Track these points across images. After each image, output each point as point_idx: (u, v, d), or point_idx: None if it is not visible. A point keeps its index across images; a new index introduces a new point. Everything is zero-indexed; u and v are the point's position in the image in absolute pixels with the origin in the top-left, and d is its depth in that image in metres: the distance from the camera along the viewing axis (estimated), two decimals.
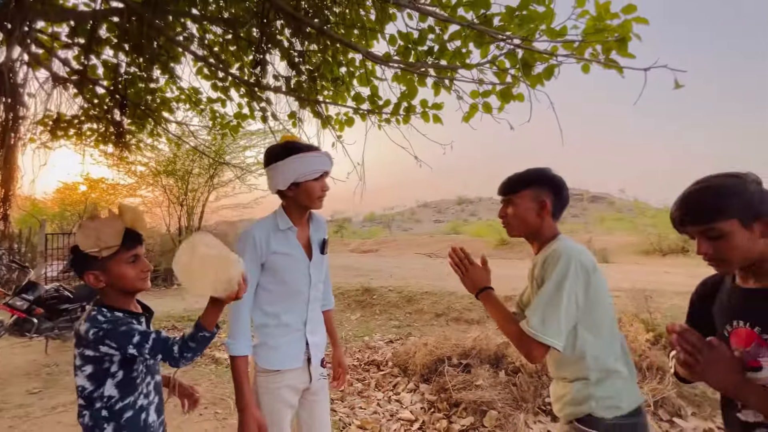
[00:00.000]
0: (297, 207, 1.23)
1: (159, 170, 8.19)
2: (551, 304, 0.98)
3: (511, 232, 1.16)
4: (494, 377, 2.50)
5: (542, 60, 2.17)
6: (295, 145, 1.20)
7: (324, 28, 2.20)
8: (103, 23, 2.76)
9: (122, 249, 0.98)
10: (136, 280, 1.01)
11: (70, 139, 3.39)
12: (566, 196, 1.13)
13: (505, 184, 1.16)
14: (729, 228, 0.77)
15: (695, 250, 0.84)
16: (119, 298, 1.02)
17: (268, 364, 1.20)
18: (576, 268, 1.00)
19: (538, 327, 0.98)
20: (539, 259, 1.09)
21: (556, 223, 1.13)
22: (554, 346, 0.97)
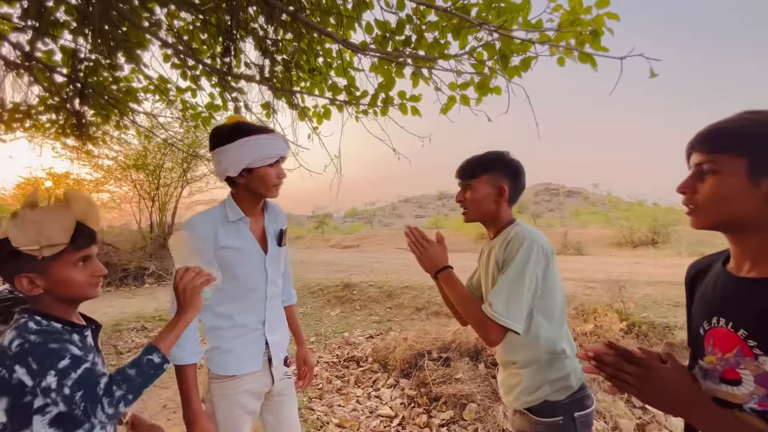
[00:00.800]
0: (249, 195, 1.11)
1: (128, 164, 7.84)
2: (514, 288, 0.98)
3: (468, 217, 1.15)
4: (474, 370, 2.51)
5: (519, 51, 2.17)
6: (245, 126, 1.08)
7: (297, 14, 2.11)
8: (61, 5, 2.57)
9: (70, 248, 0.79)
10: (84, 287, 0.82)
11: (27, 130, 3.17)
12: (523, 182, 1.13)
13: (463, 168, 1.14)
14: (728, 166, 0.59)
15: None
16: (57, 306, 0.81)
17: (222, 370, 1.09)
18: (538, 251, 1.00)
19: (501, 311, 0.97)
20: (497, 242, 1.09)
21: (512, 208, 1.14)
22: (516, 329, 0.97)
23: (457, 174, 1.15)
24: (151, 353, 0.79)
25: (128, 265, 7.20)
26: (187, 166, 8.15)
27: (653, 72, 1.28)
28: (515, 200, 1.13)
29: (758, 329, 0.58)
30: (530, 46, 2.14)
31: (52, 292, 0.80)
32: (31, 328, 0.75)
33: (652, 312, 3.07)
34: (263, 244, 1.15)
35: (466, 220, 1.16)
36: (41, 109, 3.04)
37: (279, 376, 1.17)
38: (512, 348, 1.07)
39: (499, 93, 2.36)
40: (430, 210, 52.56)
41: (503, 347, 1.10)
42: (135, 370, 0.76)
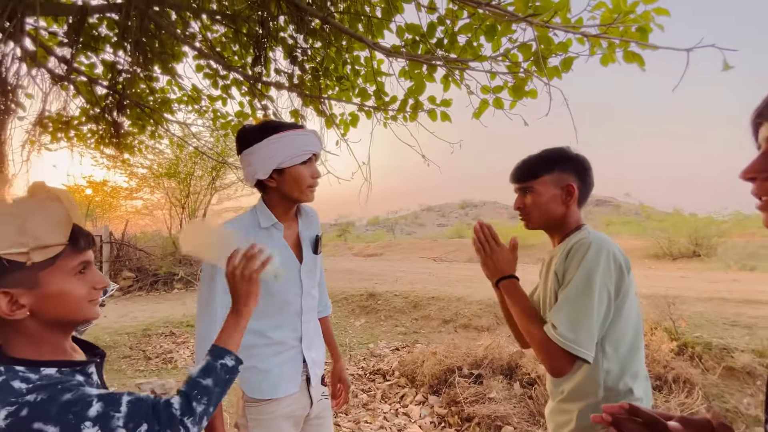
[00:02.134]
0: (282, 200, 1.01)
1: (161, 172, 8.14)
2: (580, 305, 0.83)
3: (530, 224, 1.00)
4: (508, 389, 2.36)
5: (558, 51, 2.06)
6: (273, 123, 1.00)
7: (328, 18, 2.09)
8: (103, 21, 2.69)
9: (69, 250, 0.58)
10: (84, 304, 0.61)
11: (70, 140, 3.32)
12: (592, 179, 0.98)
13: (520, 169, 0.99)
14: None
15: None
16: (45, 338, 0.58)
17: (258, 393, 0.99)
18: (608, 259, 0.84)
19: (567, 334, 0.82)
20: (559, 250, 0.94)
21: (581, 210, 0.99)
22: (585, 357, 0.82)
23: (512, 178, 1.01)
24: (223, 357, 0.67)
25: (158, 271, 7.42)
26: (216, 174, 8.39)
27: (727, 64, 1.14)
28: (585, 201, 0.98)
29: None
30: (570, 44, 2.03)
31: (39, 315, 0.57)
32: (20, 388, 0.52)
33: (706, 331, 2.80)
34: (298, 253, 1.06)
35: (528, 227, 1.01)
36: (83, 119, 3.18)
37: (317, 397, 1.08)
38: (565, 378, 0.91)
39: (535, 96, 2.25)
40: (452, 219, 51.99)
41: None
42: (211, 378, 0.64)
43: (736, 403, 2.19)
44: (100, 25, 2.72)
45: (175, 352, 3.63)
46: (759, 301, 3.75)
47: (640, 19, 1.88)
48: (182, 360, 3.47)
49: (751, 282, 5.40)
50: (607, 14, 1.92)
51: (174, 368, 3.32)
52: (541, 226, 0.99)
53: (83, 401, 0.53)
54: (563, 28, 1.81)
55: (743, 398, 2.21)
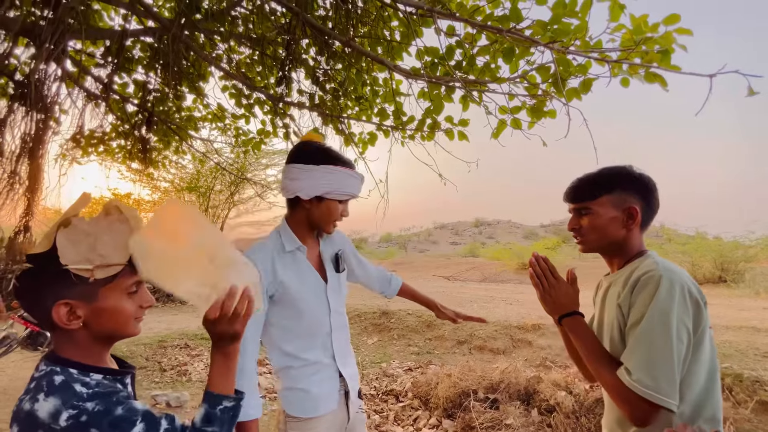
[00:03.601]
0: (306, 224, 1.05)
1: (182, 186, 8.39)
2: (657, 346, 0.74)
3: (586, 247, 0.93)
4: (526, 416, 2.27)
5: (577, 73, 2.07)
6: (335, 153, 1.03)
7: (350, 42, 2.17)
8: (137, 44, 2.85)
9: (127, 270, 0.63)
10: (131, 321, 0.66)
11: (100, 155, 3.48)
12: (657, 201, 0.90)
13: (577, 189, 0.92)
14: None
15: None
16: (92, 347, 0.64)
17: (300, 411, 1.01)
18: (684, 294, 0.77)
19: (646, 380, 0.73)
20: (620, 278, 0.87)
21: (643, 234, 0.92)
22: (670, 407, 0.73)
23: (567, 197, 0.95)
24: (220, 402, 0.64)
25: None
26: (235, 188, 8.59)
27: (752, 90, 1.13)
28: (648, 224, 0.91)
29: None
30: (590, 66, 2.04)
31: (91, 327, 0.62)
32: (81, 392, 0.57)
33: (736, 362, 2.66)
34: (322, 273, 1.09)
35: (583, 250, 0.94)
36: (113, 135, 3.34)
37: (354, 410, 1.11)
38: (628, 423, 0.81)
39: (554, 116, 2.25)
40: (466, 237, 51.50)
41: (616, 419, 0.87)
42: (214, 425, 0.63)
43: None
44: (134, 48, 2.88)
45: (189, 365, 3.65)
46: None
47: (662, 40, 1.88)
48: (197, 373, 3.48)
49: None
50: (627, 36, 1.93)
51: (188, 381, 3.33)
52: (598, 249, 0.93)
53: (129, 420, 0.57)
54: (582, 53, 1.82)
55: None
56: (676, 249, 11.84)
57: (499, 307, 5.42)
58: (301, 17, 2.02)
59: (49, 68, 2.26)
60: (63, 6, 1.80)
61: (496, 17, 2.09)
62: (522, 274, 12.61)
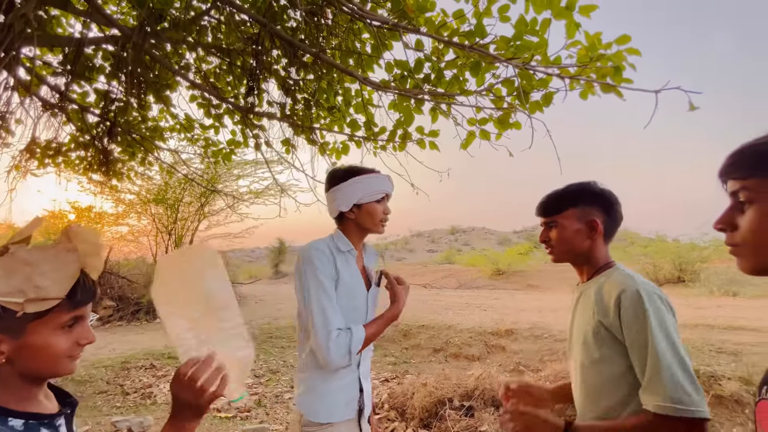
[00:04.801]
0: (357, 230, 1.17)
1: (149, 198, 8.06)
2: (677, 360, 0.77)
3: (556, 257, 1.00)
4: None
5: (539, 86, 2.17)
6: (357, 167, 1.19)
7: (320, 55, 2.18)
8: (98, 52, 2.74)
9: (63, 305, 0.57)
10: (63, 360, 0.59)
11: (57, 166, 3.30)
12: (620, 214, 0.98)
13: (545, 204, 1.01)
14: (767, 192, 0.49)
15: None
16: (16, 387, 0.57)
17: (316, 416, 1.05)
18: (665, 304, 0.83)
19: (680, 396, 0.73)
20: (590, 290, 0.93)
21: (608, 245, 0.99)
22: (704, 416, 0.74)
23: (538, 211, 1.03)
24: None
25: (141, 299, 7.19)
26: (205, 200, 8.34)
27: (692, 105, 1.23)
28: (612, 235, 0.98)
29: None
30: (550, 80, 2.15)
31: (15, 364, 0.56)
32: None
33: (693, 359, 2.81)
34: (366, 281, 1.18)
35: (554, 260, 1.02)
36: (72, 146, 3.17)
37: (366, 430, 1.14)
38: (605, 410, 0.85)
39: (519, 128, 2.35)
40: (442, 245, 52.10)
41: (590, 400, 0.91)
42: None
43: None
44: (96, 56, 2.77)
45: (155, 387, 3.46)
46: (743, 327, 3.80)
47: (614, 57, 2.02)
48: (162, 395, 3.30)
49: (735, 308, 5.49)
50: (582, 52, 2.06)
51: (153, 404, 3.15)
52: (566, 260, 1.01)
53: None
54: (541, 70, 1.92)
55: (733, 427, 2.20)
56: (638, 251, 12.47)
57: (474, 314, 5.50)
58: (268, 28, 2.02)
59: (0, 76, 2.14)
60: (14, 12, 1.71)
61: (462, 32, 2.17)
62: (497, 279, 12.87)
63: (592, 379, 0.90)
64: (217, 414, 2.91)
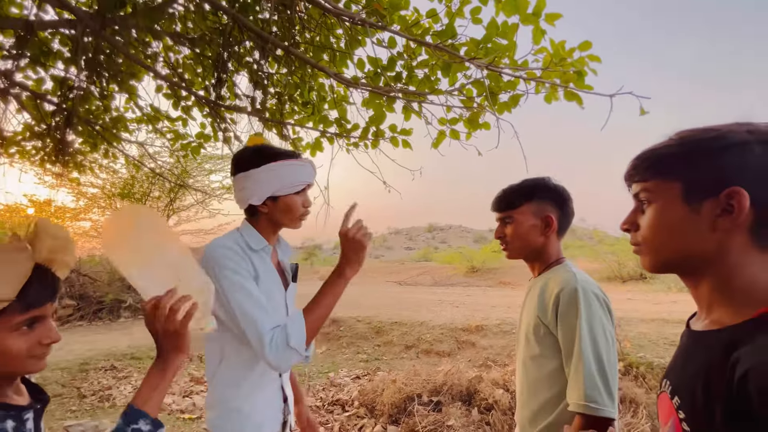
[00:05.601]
0: (270, 226, 1.00)
1: (114, 193, 7.70)
2: (592, 359, 0.80)
3: (511, 254, 1.00)
4: (466, 416, 2.36)
5: (507, 88, 2.23)
6: (270, 149, 0.98)
7: (291, 49, 2.15)
8: (56, 36, 2.59)
9: (14, 307, 0.57)
10: (23, 360, 0.59)
11: (11, 156, 3.10)
12: (572, 210, 0.99)
13: (501, 199, 1.00)
14: (662, 192, 0.51)
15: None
16: None
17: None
18: (600, 302, 0.85)
19: (594, 395, 0.77)
20: (537, 284, 0.94)
21: (560, 241, 1.00)
22: (612, 416, 0.78)
23: (493, 206, 1.02)
24: (136, 420, 0.59)
25: (104, 298, 6.87)
26: (174, 195, 8.05)
27: (643, 110, 1.30)
28: (564, 231, 1.00)
29: (688, 397, 0.45)
30: (518, 83, 2.21)
31: None
32: None
33: (648, 352, 2.98)
34: (282, 278, 1.04)
35: (509, 257, 1.01)
36: (27, 135, 2.98)
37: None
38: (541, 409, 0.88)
39: (488, 128, 2.40)
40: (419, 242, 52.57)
41: (525, 405, 0.93)
42: None
43: None
44: (53, 40, 2.62)
45: (114, 389, 3.32)
46: None
47: (577, 63, 2.10)
48: (122, 397, 3.17)
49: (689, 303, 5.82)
50: (548, 58, 2.13)
51: (111, 407, 3.02)
52: (520, 255, 1.00)
53: None
54: (508, 73, 1.97)
55: None
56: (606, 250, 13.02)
57: (446, 310, 5.59)
58: (236, 20, 1.97)
59: None
60: None
61: (434, 32, 2.19)
62: (471, 276, 13.13)
63: (532, 374, 0.92)
64: (181, 415, 2.83)
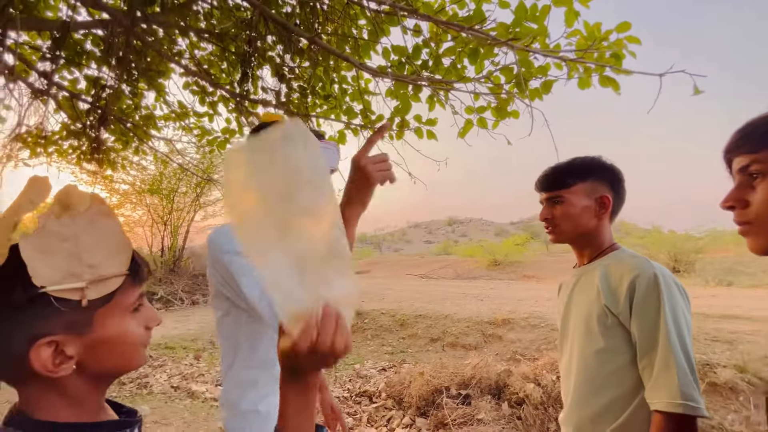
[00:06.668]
0: None
1: (144, 189, 7.98)
2: (681, 355, 0.73)
3: (559, 237, 0.91)
4: (497, 410, 2.32)
5: (539, 74, 2.14)
6: None
7: (315, 39, 2.13)
8: (88, 37, 2.67)
9: (127, 283, 0.46)
10: (139, 348, 0.48)
11: (49, 155, 3.25)
12: (625, 192, 0.91)
13: (550, 177, 0.91)
14: None
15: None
16: (86, 398, 0.46)
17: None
18: (681, 292, 0.79)
19: (691, 393, 0.71)
20: (594, 272, 0.86)
21: (611, 225, 0.91)
22: (704, 414, 0.72)
23: (540, 186, 0.93)
24: None
25: None
26: (200, 190, 8.27)
27: (697, 89, 1.20)
28: (617, 214, 0.91)
29: None
30: (549, 68, 2.12)
31: (86, 368, 0.44)
32: None
33: None
34: None
35: (554, 240, 0.92)
36: (63, 134, 3.11)
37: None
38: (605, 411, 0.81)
39: (517, 117, 2.32)
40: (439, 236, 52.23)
41: (583, 404, 0.86)
42: None
43: (721, 420, 2.20)
44: (86, 41, 2.71)
45: (151, 377, 3.47)
46: (737, 316, 3.84)
47: (614, 45, 1.99)
48: (158, 385, 3.31)
49: (729, 297, 5.54)
50: (582, 41, 2.03)
51: (149, 394, 3.16)
52: (570, 239, 0.92)
53: None
54: (542, 52, 1.89)
55: (727, 414, 2.23)
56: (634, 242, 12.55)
57: (471, 303, 5.52)
58: (262, 11, 1.96)
59: None
60: None
61: (461, 18, 2.12)
62: (493, 270, 12.94)
63: (594, 369, 0.84)
64: (215, 403, 2.92)
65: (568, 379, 0.92)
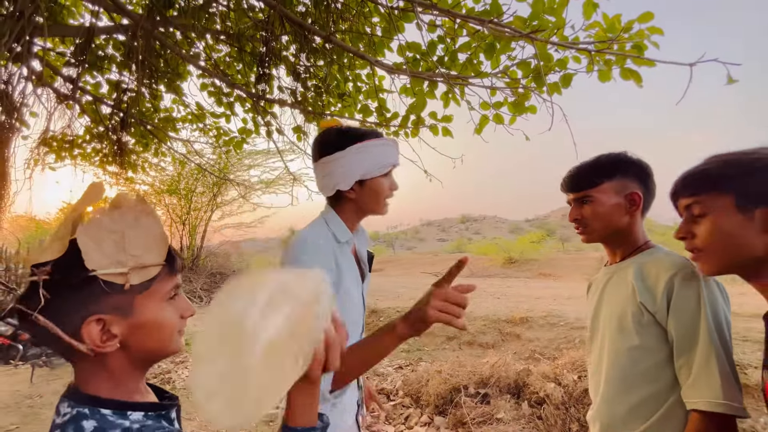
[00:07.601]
0: (356, 213, 0.92)
1: (162, 189, 8.18)
2: (722, 354, 0.72)
3: (590, 236, 0.89)
4: (516, 409, 2.29)
5: (557, 67, 2.10)
6: (357, 130, 0.90)
7: (331, 37, 2.13)
8: (109, 42, 2.75)
9: (165, 272, 0.52)
10: (174, 335, 0.53)
11: (74, 158, 3.35)
12: (655, 186, 0.89)
13: (576, 177, 0.89)
14: (716, 204, 0.63)
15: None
16: (129, 378, 0.51)
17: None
18: (721, 291, 0.77)
19: (734, 393, 0.70)
20: (628, 270, 0.84)
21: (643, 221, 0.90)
22: (743, 414, 0.70)
23: (566, 186, 0.91)
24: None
25: None
26: (217, 190, 8.42)
27: (731, 78, 1.15)
28: (648, 210, 0.89)
29: None
30: (567, 62, 2.07)
31: (129, 348, 0.49)
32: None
33: None
34: (359, 270, 0.96)
35: (586, 240, 0.90)
36: (87, 138, 3.21)
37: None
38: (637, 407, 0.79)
39: (535, 111, 2.27)
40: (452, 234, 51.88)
41: (615, 402, 0.84)
42: None
43: (753, 422, 2.12)
44: (107, 46, 2.78)
45: (173, 372, 3.56)
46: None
47: (636, 37, 1.92)
48: (180, 381, 3.39)
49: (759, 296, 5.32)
50: (601, 33, 1.97)
51: (172, 389, 3.24)
52: (602, 239, 0.90)
53: None
54: (563, 44, 1.84)
55: (760, 417, 2.14)
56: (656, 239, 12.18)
57: (487, 302, 5.47)
58: (279, 11, 1.97)
59: (13, 68, 2.15)
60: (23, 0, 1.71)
61: (477, 12, 2.09)
62: (508, 268, 12.78)
63: (626, 368, 0.83)
64: None
65: (597, 375, 0.91)
